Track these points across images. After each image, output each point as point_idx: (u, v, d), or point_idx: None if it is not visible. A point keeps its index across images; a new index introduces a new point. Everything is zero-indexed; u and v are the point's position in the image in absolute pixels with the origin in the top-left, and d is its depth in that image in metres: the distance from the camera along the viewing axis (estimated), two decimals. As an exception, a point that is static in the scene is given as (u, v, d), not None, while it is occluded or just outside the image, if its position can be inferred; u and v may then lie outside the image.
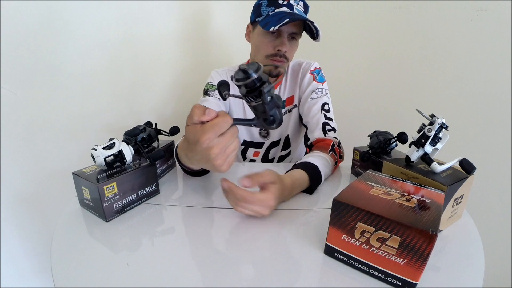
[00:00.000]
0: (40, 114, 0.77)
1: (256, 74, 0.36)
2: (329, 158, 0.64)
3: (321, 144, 0.69)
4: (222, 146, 0.38)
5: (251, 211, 0.46)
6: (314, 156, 0.62)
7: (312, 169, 0.58)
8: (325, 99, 0.79)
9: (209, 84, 0.83)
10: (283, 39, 0.72)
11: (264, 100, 0.37)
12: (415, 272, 0.32)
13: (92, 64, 0.84)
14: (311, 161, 0.59)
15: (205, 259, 0.40)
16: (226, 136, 0.39)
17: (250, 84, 0.37)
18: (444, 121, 0.47)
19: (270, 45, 0.73)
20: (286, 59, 0.75)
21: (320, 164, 0.59)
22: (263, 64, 0.76)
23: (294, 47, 0.76)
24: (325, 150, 0.66)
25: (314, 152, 0.65)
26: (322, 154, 0.63)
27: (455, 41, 0.95)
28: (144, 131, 0.65)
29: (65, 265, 0.39)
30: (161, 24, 1.00)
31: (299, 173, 0.56)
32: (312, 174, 0.57)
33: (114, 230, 0.47)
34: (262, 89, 0.37)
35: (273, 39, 0.73)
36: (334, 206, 0.37)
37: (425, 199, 0.38)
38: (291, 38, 0.74)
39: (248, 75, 0.36)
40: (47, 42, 0.74)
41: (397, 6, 1.05)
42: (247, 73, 0.36)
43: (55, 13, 0.74)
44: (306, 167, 0.58)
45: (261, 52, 0.76)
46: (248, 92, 0.38)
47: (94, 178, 0.48)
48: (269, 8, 0.70)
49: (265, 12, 0.71)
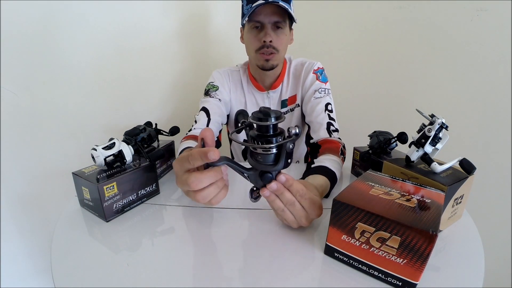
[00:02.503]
0: (40, 114, 0.76)
1: (275, 121, 0.35)
2: (340, 161, 0.65)
3: (331, 146, 0.68)
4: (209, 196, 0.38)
5: (297, 214, 0.42)
6: (330, 160, 0.61)
7: (332, 176, 0.57)
8: (328, 99, 0.79)
9: (210, 84, 0.83)
10: (266, 30, 0.72)
11: (286, 148, 0.36)
12: (415, 272, 0.32)
13: (92, 64, 0.84)
14: (329, 166, 0.58)
15: (205, 259, 0.40)
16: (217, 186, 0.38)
17: (265, 129, 0.36)
18: (444, 121, 0.47)
19: (256, 39, 0.74)
20: (275, 49, 0.75)
21: (336, 170, 0.59)
22: (255, 60, 0.77)
23: (282, 37, 0.75)
24: (337, 154, 0.66)
25: (328, 155, 0.64)
26: (336, 159, 0.63)
27: (455, 41, 0.95)
28: (144, 131, 0.65)
29: (65, 265, 0.39)
30: (161, 24, 1.00)
31: (325, 182, 0.55)
32: (332, 181, 0.57)
33: (114, 230, 0.47)
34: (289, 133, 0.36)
35: (258, 32, 0.74)
36: (334, 206, 0.37)
37: (425, 199, 0.38)
38: (276, 28, 0.74)
39: (267, 119, 0.35)
40: (47, 42, 0.74)
41: (397, 6, 1.05)
42: (268, 116, 0.35)
43: (55, 13, 0.74)
44: (327, 173, 0.57)
45: (251, 48, 0.77)
46: (259, 136, 0.36)
47: (94, 178, 0.48)
48: (247, 6, 0.72)
49: (245, 11, 0.73)
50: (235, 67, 0.88)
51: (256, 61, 0.78)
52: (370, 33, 1.15)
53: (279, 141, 0.36)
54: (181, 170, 0.38)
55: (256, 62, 0.78)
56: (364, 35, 1.17)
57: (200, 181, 0.36)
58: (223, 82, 0.84)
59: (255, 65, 0.80)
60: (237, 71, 0.87)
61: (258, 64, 0.77)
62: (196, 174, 0.36)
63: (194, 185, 0.36)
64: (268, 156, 0.37)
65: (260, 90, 0.85)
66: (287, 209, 0.42)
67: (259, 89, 0.85)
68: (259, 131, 0.37)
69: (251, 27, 0.74)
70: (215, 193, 0.38)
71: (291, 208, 0.41)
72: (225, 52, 1.26)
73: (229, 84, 0.85)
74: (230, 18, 1.21)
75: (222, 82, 0.84)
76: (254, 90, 0.86)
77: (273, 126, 0.36)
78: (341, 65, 1.24)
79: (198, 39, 1.14)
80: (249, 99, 0.86)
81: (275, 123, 0.36)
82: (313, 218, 0.44)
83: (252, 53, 0.77)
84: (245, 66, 0.88)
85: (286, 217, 0.43)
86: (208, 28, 1.18)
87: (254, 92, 0.86)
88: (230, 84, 0.86)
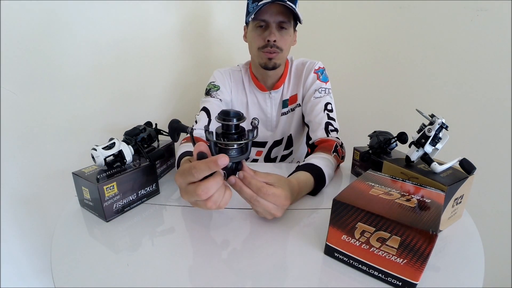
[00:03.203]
0: (40, 114, 0.76)
1: (237, 122, 0.40)
2: (332, 159, 0.64)
3: (324, 145, 0.68)
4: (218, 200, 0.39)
5: (264, 209, 0.44)
6: (318, 157, 0.61)
7: (317, 171, 0.57)
8: (328, 98, 0.79)
9: (212, 84, 0.83)
10: (271, 29, 0.72)
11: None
12: (415, 272, 0.32)
13: (92, 64, 0.84)
14: (315, 162, 0.58)
15: (205, 259, 0.40)
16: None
17: (226, 127, 0.40)
18: (444, 121, 0.47)
19: (260, 37, 0.74)
20: (278, 49, 0.75)
21: (323, 165, 0.59)
22: (258, 58, 0.77)
23: (286, 37, 0.75)
24: (328, 151, 0.65)
25: (317, 153, 0.65)
26: (326, 156, 0.63)
27: (455, 41, 0.95)
28: (144, 131, 0.65)
29: (65, 265, 0.39)
30: (162, 23, 1.00)
31: (304, 175, 0.55)
32: (317, 176, 0.56)
33: (114, 230, 0.47)
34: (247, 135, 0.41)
35: (262, 31, 0.74)
36: (334, 206, 0.37)
37: (425, 199, 0.38)
38: (280, 28, 0.74)
39: (229, 119, 0.39)
40: (47, 42, 0.74)
41: (397, 6, 1.05)
42: (229, 117, 0.39)
43: (55, 13, 0.74)
44: (311, 169, 0.57)
45: (254, 46, 0.77)
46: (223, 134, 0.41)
47: (94, 178, 0.48)
48: (253, 4, 0.72)
49: (251, 9, 0.73)
50: (237, 67, 0.88)
51: (259, 60, 0.77)
52: (370, 33, 1.15)
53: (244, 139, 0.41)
54: (184, 182, 0.39)
55: (258, 61, 0.78)
56: (364, 35, 1.17)
57: (208, 189, 0.37)
58: (225, 82, 0.84)
59: (257, 64, 0.79)
60: (239, 71, 0.87)
61: (261, 62, 0.77)
62: (203, 184, 0.37)
63: (204, 194, 0.37)
64: (224, 149, 0.41)
65: (262, 90, 0.85)
66: (253, 205, 0.44)
67: (261, 89, 0.85)
68: (227, 130, 0.41)
69: (255, 25, 0.74)
70: (222, 196, 0.39)
71: (256, 202, 0.43)
72: (226, 52, 1.26)
73: (230, 84, 0.85)
74: (232, 18, 1.21)
75: (224, 82, 0.84)
76: (256, 90, 0.85)
77: (235, 126, 0.41)
78: (341, 65, 1.24)
79: (199, 39, 1.14)
80: (251, 99, 0.86)
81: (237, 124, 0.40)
82: (282, 210, 0.46)
83: (255, 51, 0.77)
84: (246, 66, 0.88)
85: (254, 208, 0.45)
86: (209, 28, 1.18)
87: (256, 92, 0.86)
88: (231, 84, 0.85)
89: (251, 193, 0.42)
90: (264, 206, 0.43)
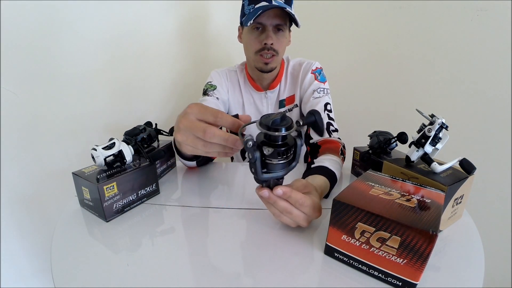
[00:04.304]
0: (40, 114, 0.76)
1: (285, 132, 0.34)
2: (340, 161, 0.65)
3: (331, 146, 0.68)
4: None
5: (294, 219, 0.42)
6: (330, 160, 0.61)
7: (332, 176, 0.57)
8: (327, 99, 0.79)
9: (208, 84, 0.83)
10: (268, 32, 0.73)
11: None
12: (415, 272, 0.32)
13: (92, 64, 0.84)
14: (329, 166, 0.58)
15: (205, 259, 0.40)
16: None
17: (274, 138, 0.35)
18: (444, 121, 0.47)
19: (256, 40, 0.75)
20: (275, 52, 0.75)
21: (336, 170, 0.59)
22: (254, 62, 0.77)
23: (282, 39, 0.76)
24: (337, 154, 0.65)
25: (328, 155, 0.64)
26: (336, 159, 0.63)
27: (455, 41, 0.95)
28: (144, 131, 0.64)
29: (65, 265, 0.39)
30: (161, 23, 1.00)
31: (323, 181, 0.54)
32: (332, 181, 0.56)
33: (114, 230, 0.47)
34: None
35: (259, 34, 0.74)
36: (334, 206, 0.37)
37: (425, 199, 0.38)
38: (277, 30, 0.74)
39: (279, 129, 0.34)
40: (47, 42, 0.74)
41: (397, 6, 1.05)
42: (279, 126, 0.34)
43: (55, 13, 0.74)
44: (327, 173, 0.57)
45: (250, 49, 0.77)
46: (264, 143, 0.36)
47: (94, 178, 0.48)
48: (249, 6, 0.72)
49: (247, 11, 0.73)
50: (233, 67, 0.88)
51: (255, 63, 0.78)
52: (370, 33, 1.15)
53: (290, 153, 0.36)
54: (199, 114, 0.38)
55: (255, 64, 0.78)
56: (364, 35, 1.17)
57: (215, 135, 0.36)
58: (221, 81, 0.84)
59: (253, 66, 0.80)
60: (234, 71, 0.87)
61: (257, 66, 0.77)
62: (215, 128, 0.37)
63: (208, 135, 0.36)
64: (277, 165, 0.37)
65: (257, 90, 0.85)
66: (283, 215, 0.42)
67: (256, 89, 0.85)
68: (266, 137, 0.36)
69: (252, 28, 0.74)
70: (218, 152, 0.39)
71: (289, 214, 0.41)
72: (225, 52, 1.26)
73: (227, 84, 0.85)
74: (231, 18, 1.21)
75: (220, 82, 0.84)
76: (251, 90, 0.86)
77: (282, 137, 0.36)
78: (341, 65, 1.24)
79: (198, 39, 1.14)
80: (247, 99, 0.87)
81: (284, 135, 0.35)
82: (310, 220, 0.44)
83: (252, 54, 0.77)
84: (242, 66, 0.88)
85: (283, 220, 0.43)
86: (208, 28, 1.18)
87: (251, 92, 0.86)
88: (228, 84, 0.86)
89: (285, 206, 0.40)
90: (296, 217, 0.41)
